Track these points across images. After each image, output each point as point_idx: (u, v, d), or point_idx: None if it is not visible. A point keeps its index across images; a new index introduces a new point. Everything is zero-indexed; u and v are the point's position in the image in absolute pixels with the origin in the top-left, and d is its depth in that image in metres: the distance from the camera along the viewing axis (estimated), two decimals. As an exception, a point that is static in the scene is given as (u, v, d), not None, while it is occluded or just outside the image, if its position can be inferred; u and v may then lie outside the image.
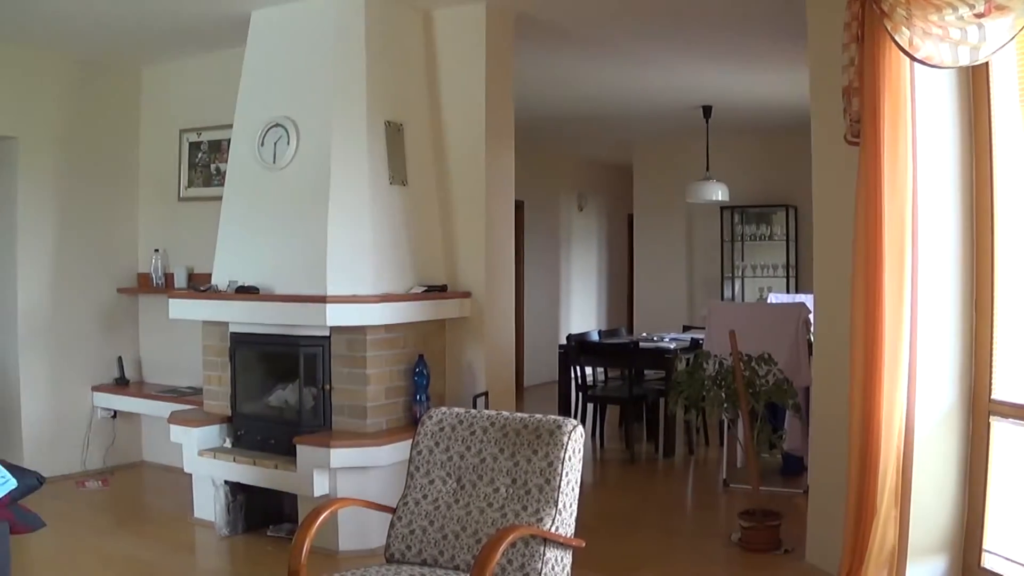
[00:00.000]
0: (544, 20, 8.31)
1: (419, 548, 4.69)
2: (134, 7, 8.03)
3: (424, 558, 4.66)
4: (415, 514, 4.79)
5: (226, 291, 7.73)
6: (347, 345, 7.36)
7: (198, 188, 9.70)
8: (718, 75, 10.55)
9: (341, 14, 7.62)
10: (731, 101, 11.89)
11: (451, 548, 4.60)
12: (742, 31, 8.66)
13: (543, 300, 16.66)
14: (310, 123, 7.58)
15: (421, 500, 4.83)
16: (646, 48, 9.38)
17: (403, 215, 7.70)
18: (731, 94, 11.49)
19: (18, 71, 9.32)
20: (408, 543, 4.73)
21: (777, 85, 10.85)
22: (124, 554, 7.30)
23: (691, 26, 8.58)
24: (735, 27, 8.53)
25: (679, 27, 8.61)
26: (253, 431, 7.78)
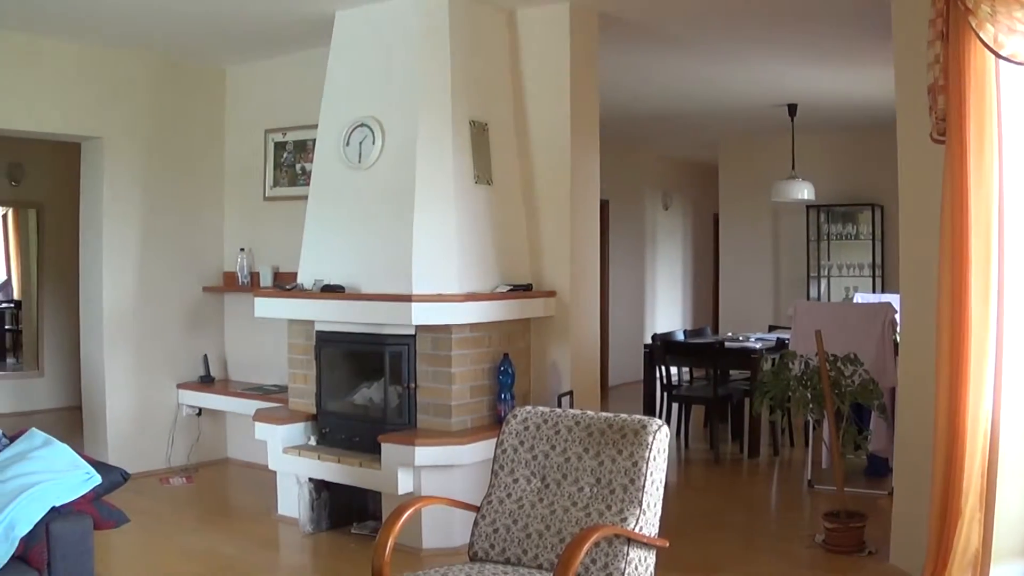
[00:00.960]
0: (627, 18, 8.27)
1: (503, 547, 4.70)
2: (219, 8, 8.13)
3: (507, 557, 4.67)
4: (499, 513, 4.80)
5: (312, 290, 7.79)
6: (432, 344, 7.38)
7: (283, 188, 9.79)
8: (803, 72, 10.45)
9: (425, 14, 7.64)
10: (816, 99, 11.77)
11: (535, 547, 4.60)
12: (827, 28, 8.57)
13: (628, 299, 16.60)
14: (395, 123, 7.61)
15: (505, 499, 4.84)
16: (730, 45, 9.31)
17: (488, 214, 7.71)
18: (816, 91, 11.38)
19: (104, 72, 9.48)
20: (492, 542, 4.74)
21: (863, 82, 10.72)
22: (206, 550, 7.40)
23: (775, 23, 8.50)
24: (820, 24, 8.44)
25: (763, 24, 8.53)
26: (338, 429, 7.83)
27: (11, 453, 5.26)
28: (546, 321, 7.94)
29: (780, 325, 13.02)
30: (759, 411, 8.27)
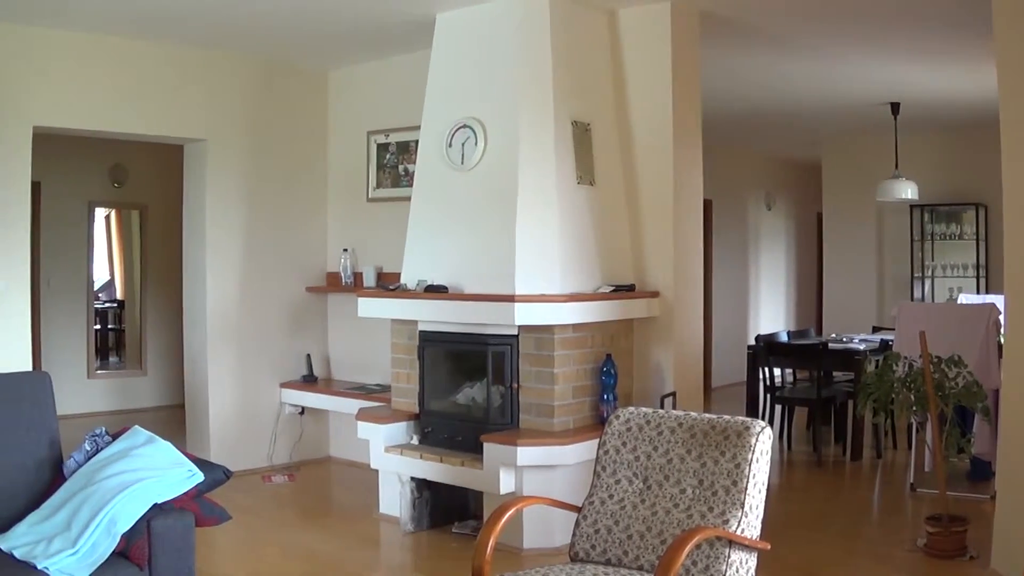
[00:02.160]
0: (729, 17, 8.29)
1: (603, 548, 4.74)
2: (321, 11, 8.29)
3: (608, 558, 4.71)
4: (600, 513, 4.84)
5: (415, 290, 7.91)
6: (535, 344, 7.46)
7: (386, 189, 9.94)
8: (905, 70, 10.37)
9: (526, 15, 7.72)
10: (919, 97, 11.67)
11: (636, 548, 4.63)
12: (930, 25, 8.50)
13: (731, 300, 16.55)
14: (497, 124, 7.69)
15: (607, 500, 4.88)
16: (832, 44, 9.28)
17: (591, 214, 7.77)
18: (919, 89, 11.28)
19: (208, 75, 9.74)
20: (593, 542, 4.78)
21: (966, 80, 10.62)
22: (307, 547, 7.55)
23: (877, 21, 8.46)
24: (923, 21, 8.38)
25: (865, 22, 8.50)
26: (440, 428, 7.93)
27: (114, 450, 5.37)
28: (649, 322, 7.97)
29: (884, 326, 12.91)
30: (862, 413, 8.23)
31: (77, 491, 5.09)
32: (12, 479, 5.28)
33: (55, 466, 5.44)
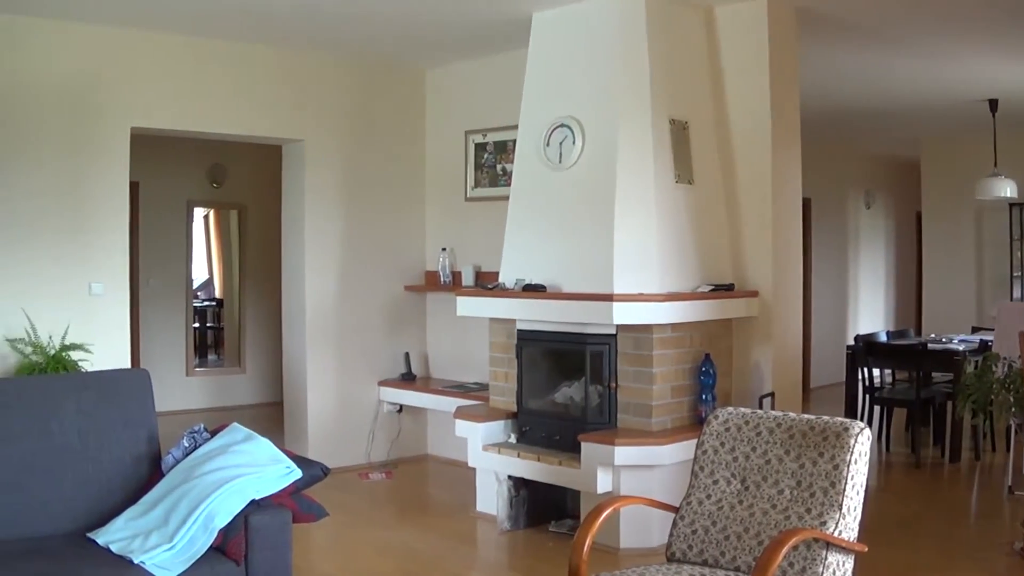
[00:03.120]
0: (826, 14, 8.26)
1: (700, 548, 4.78)
2: (418, 12, 8.42)
3: (705, 558, 4.75)
4: (698, 514, 4.88)
5: (513, 289, 8.01)
6: (633, 344, 7.51)
7: (484, 188, 10.05)
8: (1004, 67, 10.27)
9: (622, 13, 7.76)
10: (1017, 94, 11.54)
11: (732, 549, 4.67)
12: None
13: (830, 299, 16.43)
14: (595, 122, 7.75)
15: (704, 500, 4.91)
16: (930, 40, 9.21)
17: (689, 213, 7.80)
18: (1017, 87, 11.15)
19: (305, 75, 9.94)
20: (690, 543, 4.83)
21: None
22: (403, 544, 7.68)
23: (976, 17, 8.39)
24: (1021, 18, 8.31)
25: (963, 18, 8.43)
26: (538, 427, 8.02)
27: (213, 446, 5.48)
28: (748, 321, 7.98)
29: (983, 326, 12.80)
30: (961, 415, 8.18)
31: (175, 487, 5.20)
32: (110, 475, 5.44)
33: (153, 462, 5.59)
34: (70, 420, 5.43)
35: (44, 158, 8.46)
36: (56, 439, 5.36)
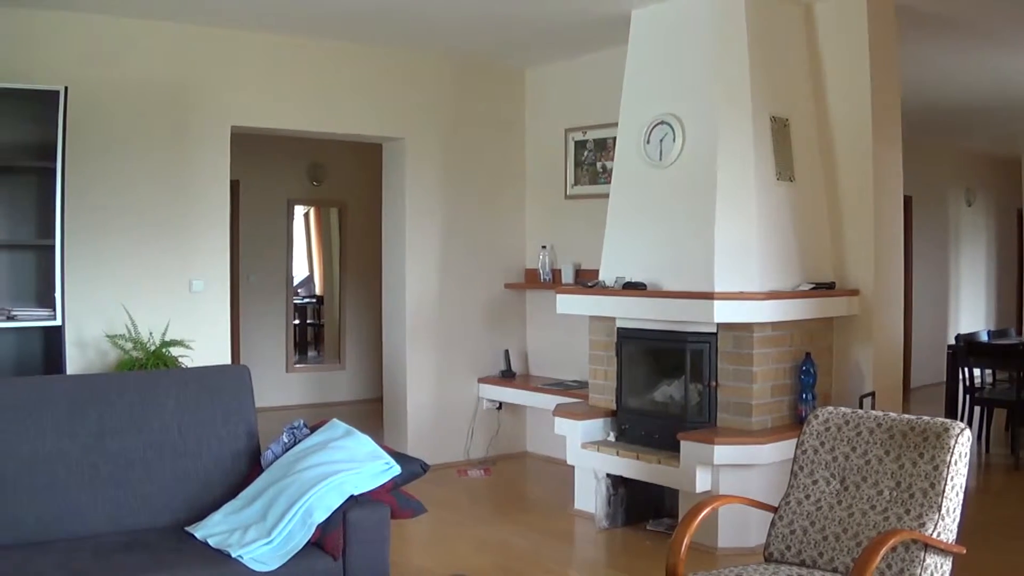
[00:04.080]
0: (925, 10, 8.19)
1: (798, 548, 4.80)
2: (517, 10, 8.52)
3: (803, 559, 4.77)
4: (797, 514, 4.90)
5: (613, 287, 8.07)
6: (734, 342, 7.53)
7: (584, 186, 10.11)
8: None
9: (722, 8, 7.78)
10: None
11: (831, 550, 4.69)
12: None
13: (931, 298, 16.24)
14: (695, 120, 7.78)
15: (803, 500, 4.94)
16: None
17: (789, 211, 7.79)
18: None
19: (405, 75, 10.08)
20: (788, 543, 4.85)
21: None
22: (501, 541, 7.76)
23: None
24: None
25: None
26: (637, 425, 8.07)
27: (312, 442, 5.58)
28: (849, 320, 7.94)
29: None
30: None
31: (274, 482, 5.32)
32: (209, 470, 5.59)
33: (252, 457, 5.72)
34: (170, 416, 5.58)
35: (146, 157, 8.68)
36: (156, 434, 5.51)
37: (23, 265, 8.10)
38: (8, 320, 7.63)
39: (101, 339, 8.38)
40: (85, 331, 8.33)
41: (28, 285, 8.07)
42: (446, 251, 10.37)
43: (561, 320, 9.50)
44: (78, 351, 8.27)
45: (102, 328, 8.39)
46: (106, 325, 8.40)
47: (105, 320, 8.40)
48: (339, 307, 14.69)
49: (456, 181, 10.42)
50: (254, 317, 13.60)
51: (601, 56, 9.75)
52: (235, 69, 9.12)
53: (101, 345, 8.39)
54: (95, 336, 8.38)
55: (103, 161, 8.43)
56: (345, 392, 14.38)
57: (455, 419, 10.42)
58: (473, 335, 10.57)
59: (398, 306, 10.31)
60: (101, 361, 8.40)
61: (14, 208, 8.05)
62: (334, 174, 14.20)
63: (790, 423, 7.57)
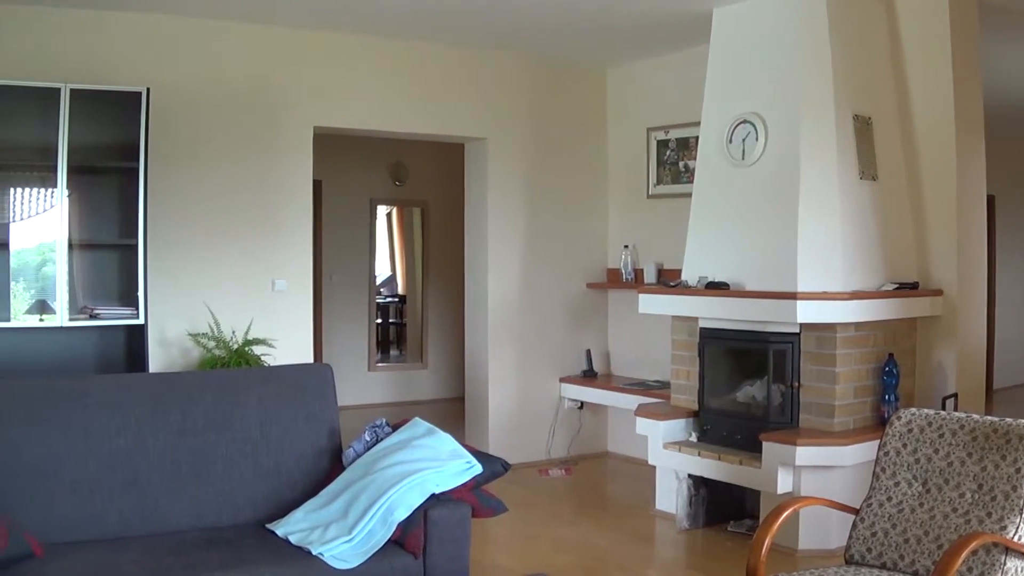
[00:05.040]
0: (1008, 7, 8.13)
1: (879, 551, 4.79)
2: (598, 10, 8.57)
3: (884, 561, 4.76)
4: (878, 516, 4.89)
5: (696, 286, 8.08)
6: (816, 343, 7.50)
7: (666, 185, 10.12)
8: None
9: (804, 6, 7.75)
10: None
11: (911, 552, 4.67)
12: None
13: (1015, 299, 15.98)
14: (777, 119, 7.77)
15: (885, 502, 4.92)
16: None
17: (873, 210, 7.75)
18: None
19: (487, 75, 10.17)
20: (869, 545, 4.84)
21: None
22: (581, 541, 7.79)
23: None
24: None
25: None
26: (719, 426, 8.07)
27: (394, 441, 5.61)
28: (932, 320, 7.88)
29: None
30: None
31: (356, 480, 5.37)
32: (291, 467, 5.67)
33: (334, 455, 5.79)
34: (252, 414, 5.66)
35: (229, 157, 8.84)
36: (238, 432, 5.59)
37: (106, 264, 8.25)
38: (91, 318, 7.81)
39: (184, 337, 8.54)
40: (168, 329, 8.49)
41: (111, 284, 8.21)
42: (528, 250, 10.43)
43: (643, 320, 9.52)
44: (161, 349, 8.44)
45: (185, 327, 8.55)
46: (189, 324, 8.55)
47: (188, 319, 8.55)
48: (421, 306, 14.81)
49: (538, 181, 10.47)
50: (337, 316, 13.77)
51: (683, 55, 9.76)
52: (318, 70, 9.25)
53: (184, 343, 8.54)
54: (178, 334, 8.54)
55: (186, 161, 8.61)
56: (427, 391, 14.50)
57: (536, 418, 10.47)
58: (555, 334, 10.61)
59: (480, 305, 10.40)
60: (184, 359, 8.56)
61: (97, 208, 8.21)
62: (416, 174, 14.32)
63: (872, 424, 7.53)
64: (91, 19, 8.24)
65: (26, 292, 7.74)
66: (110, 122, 8.00)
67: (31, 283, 7.77)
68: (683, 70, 9.66)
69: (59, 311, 7.64)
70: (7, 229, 7.76)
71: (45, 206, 7.78)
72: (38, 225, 7.81)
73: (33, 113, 7.75)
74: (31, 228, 7.86)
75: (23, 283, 7.74)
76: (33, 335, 7.83)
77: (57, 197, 7.62)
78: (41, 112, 7.65)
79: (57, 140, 7.54)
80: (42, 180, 7.76)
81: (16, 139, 7.75)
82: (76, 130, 7.60)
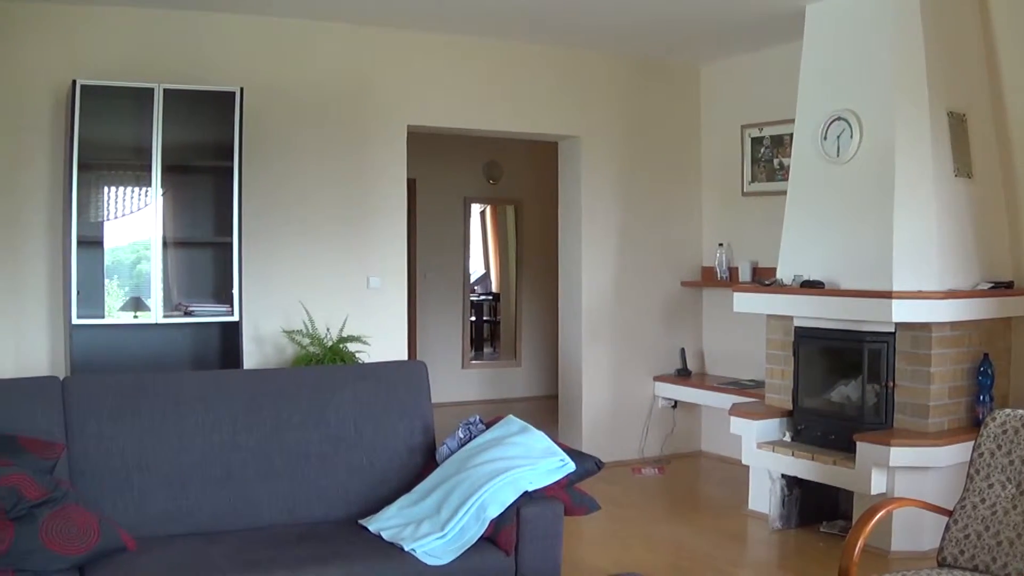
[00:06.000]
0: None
1: (972, 553, 4.76)
2: (691, 8, 8.59)
3: (976, 564, 4.73)
4: (971, 518, 4.86)
5: (791, 285, 8.06)
6: (911, 342, 7.46)
7: (761, 183, 10.11)
8: None
9: (896, 2, 7.69)
10: None
11: (1004, 555, 4.65)
12: None
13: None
14: (871, 115, 7.73)
15: (979, 504, 4.89)
16: None
17: (968, 208, 7.67)
18: None
19: (581, 73, 10.22)
20: (962, 548, 4.81)
21: None
22: (672, 540, 7.83)
23: None
24: None
25: None
26: (813, 426, 8.04)
27: (488, 438, 5.66)
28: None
29: None
30: None
31: (449, 476, 5.42)
32: (384, 464, 5.74)
33: (428, 452, 5.86)
34: (346, 410, 5.75)
35: (323, 156, 9.01)
36: (332, 428, 5.68)
37: (200, 262, 8.42)
38: (185, 315, 7.98)
39: (278, 334, 8.69)
40: (262, 326, 8.67)
41: (205, 281, 8.39)
42: (622, 249, 10.47)
43: (738, 318, 9.49)
44: (255, 346, 8.61)
45: (279, 324, 8.71)
46: (283, 321, 8.71)
47: (282, 316, 8.71)
48: (515, 304, 14.90)
49: (632, 179, 10.50)
50: (431, 314, 13.90)
51: (777, 51, 9.74)
52: (411, 69, 9.37)
53: (278, 340, 8.69)
54: (272, 331, 8.71)
55: (279, 160, 8.78)
56: (520, 388, 14.58)
57: (630, 417, 10.51)
58: (649, 333, 10.64)
59: (574, 303, 10.44)
60: (278, 356, 8.71)
61: (191, 206, 8.39)
62: (510, 172, 14.41)
63: (967, 425, 7.46)
64: (185, 20, 8.45)
65: (120, 289, 7.93)
66: (203, 121, 8.18)
67: (125, 280, 7.95)
68: (777, 66, 9.63)
69: (153, 308, 7.82)
70: (101, 227, 7.96)
71: (139, 205, 7.96)
72: (132, 223, 8.00)
73: (128, 113, 7.94)
74: (125, 226, 8.05)
75: (117, 280, 7.92)
76: (128, 332, 8.03)
77: (151, 196, 7.80)
78: (136, 112, 7.84)
79: (151, 139, 7.72)
80: (136, 179, 7.95)
81: (111, 139, 7.94)
82: (170, 129, 7.79)
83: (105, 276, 7.86)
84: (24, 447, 4.88)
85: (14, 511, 4.47)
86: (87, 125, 7.57)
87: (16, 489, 4.52)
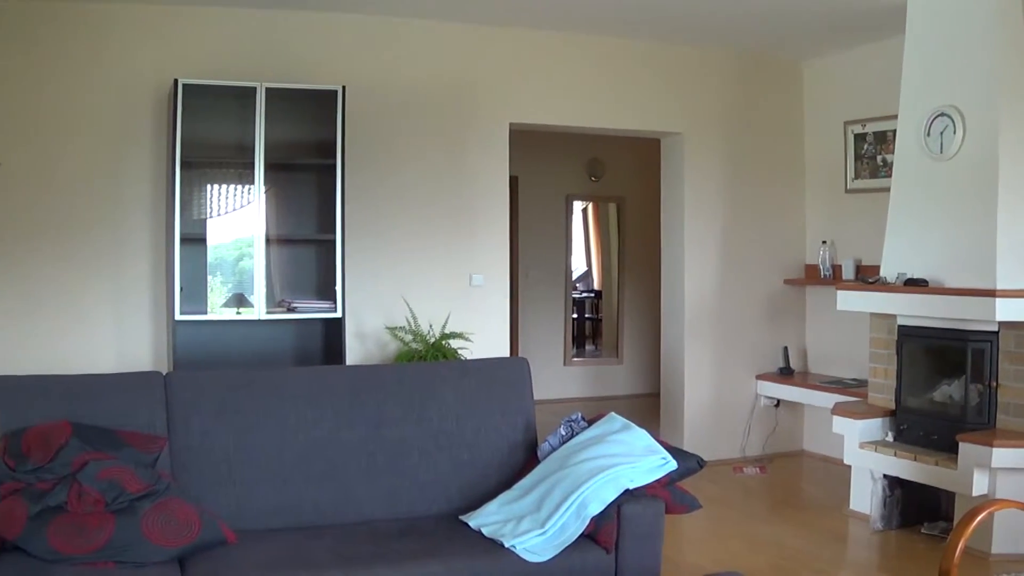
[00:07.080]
0: None
1: (1071, 553, 4.77)
2: (793, 4, 8.60)
3: (1075, 564, 4.74)
4: (1072, 519, 4.86)
5: (894, 283, 8.04)
6: (1016, 341, 7.41)
7: (864, 180, 10.06)
8: None
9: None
10: None
11: (1104, 555, 4.65)
12: None
13: None
14: (975, 111, 7.66)
15: (1080, 506, 4.89)
16: None
17: (1073, 205, 7.61)
18: None
19: (683, 70, 10.26)
20: (1062, 548, 4.82)
21: None
22: (773, 540, 7.81)
23: None
24: None
25: None
26: (916, 426, 8.00)
27: (590, 435, 5.70)
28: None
29: None
30: None
31: (550, 473, 5.47)
32: (486, 460, 5.83)
33: (529, 449, 5.92)
34: (449, 406, 5.84)
35: (425, 154, 9.16)
36: (434, 424, 5.78)
37: (304, 259, 8.59)
38: (288, 312, 8.14)
39: (381, 331, 8.83)
40: (365, 323, 8.82)
41: (308, 278, 8.56)
42: (724, 246, 10.49)
43: (841, 317, 9.46)
44: (358, 342, 8.77)
45: (382, 320, 8.86)
46: (385, 317, 8.86)
47: (384, 312, 8.86)
48: (617, 301, 14.92)
49: (734, 175, 10.52)
50: (533, 311, 14.00)
51: (880, 46, 9.67)
52: (513, 67, 9.48)
53: (381, 337, 8.84)
54: (375, 328, 8.85)
55: (381, 158, 8.94)
56: (622, 386, 14.61)
57: (732, 415, 10.53)
58: (751, 331, 10.65)
59: (676, 301, 10.48)
60: (380, 352, 8.86)
61: (293, 204, 8.57)
62: (612, 169, 14.45)
63: (1072, 427, 7.42)
64: (286, 19, 8.64)
65: (223, 286, 8.11)
66: (305, 119, 8.37)
67: (228, 277, 8.14)
68: (880, 61, 9.58)
69: (256, 304, 7.98)
70: (204, 224, 8.16)
71: (242, 202, 8.14)
72: (235, 221, 8.20)
73: (230, 111, 8.15)
74: (228, 224, 8.25)
75: (220, 277, 8.11)
76: (231, 328, 8.19)
77: (254, 193, 7.97)
78: (238, 110, 8.04)
79: (254, 138, 7.90)
80: (239, 177, 8.14)
81: (213, 137, 8.16)
82: (272, 127, 7.96)
83: (208, 273, 8.05)
84: (126, 441, 5.05)
85: (115, 503, 4.63)
86: (189, 124, 7.77)
87: (118, 482, 4.69)
